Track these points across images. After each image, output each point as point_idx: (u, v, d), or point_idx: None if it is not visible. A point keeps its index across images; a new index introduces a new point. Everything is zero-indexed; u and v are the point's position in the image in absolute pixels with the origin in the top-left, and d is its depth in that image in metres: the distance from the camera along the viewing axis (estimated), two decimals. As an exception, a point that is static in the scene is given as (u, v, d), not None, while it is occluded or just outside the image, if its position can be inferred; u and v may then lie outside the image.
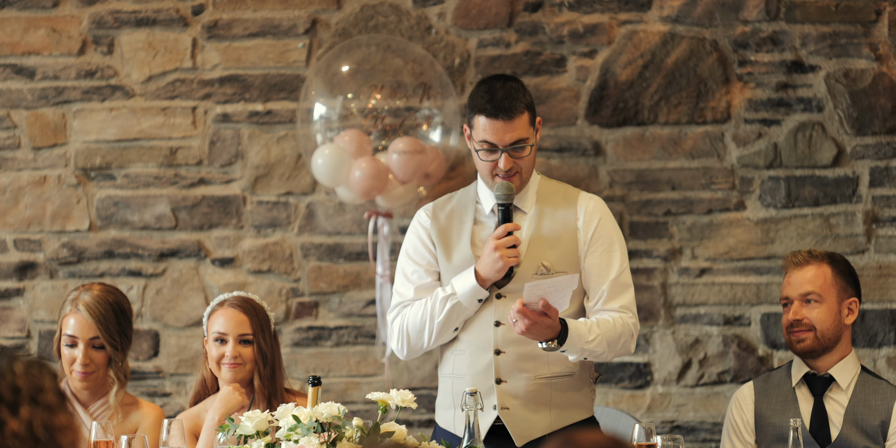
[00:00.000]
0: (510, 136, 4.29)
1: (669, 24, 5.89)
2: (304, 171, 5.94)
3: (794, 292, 4.63)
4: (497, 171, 4.32)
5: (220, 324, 4.55)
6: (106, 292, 4.56)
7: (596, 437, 2.31)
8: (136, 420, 4.57)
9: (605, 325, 4.30)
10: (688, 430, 5.86)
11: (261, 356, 4.54)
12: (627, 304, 4.38)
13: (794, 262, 4.66)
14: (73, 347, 4.52)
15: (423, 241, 4.46)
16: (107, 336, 4.51)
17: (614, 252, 4.39)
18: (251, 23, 5.98)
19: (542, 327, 4.17)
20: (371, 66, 5.70)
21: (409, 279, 4.45)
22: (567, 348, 4.24)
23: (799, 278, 4.63)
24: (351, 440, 3.87)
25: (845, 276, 4.65)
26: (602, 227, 4.40)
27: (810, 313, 4.61)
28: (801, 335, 4.61)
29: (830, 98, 5.86)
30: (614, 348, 4.32)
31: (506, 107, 4.28)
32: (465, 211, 4.46)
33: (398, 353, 4.47)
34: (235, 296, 4.61)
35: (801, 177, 5.86)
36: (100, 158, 5.99)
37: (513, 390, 4.33)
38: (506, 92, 4.30)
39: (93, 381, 4.52)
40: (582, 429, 4.33)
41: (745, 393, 4.70)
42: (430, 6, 5.95)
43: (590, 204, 4.42)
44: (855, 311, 4.66)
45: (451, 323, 4.35)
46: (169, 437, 4.12)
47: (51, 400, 2.51)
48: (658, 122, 5.89)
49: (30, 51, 6.00)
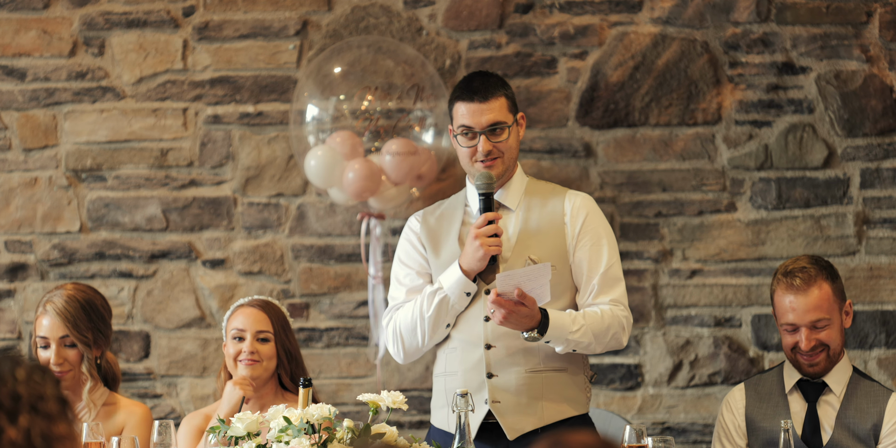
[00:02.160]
0: (486, 117, 4.33)
1: (660, 25, 5.90)
2: (294, 173, 5.94)
3: (803, 320, 4.54)
4: (477, 156, 4.35)
5: (239, 321, 4.58)
6: (76, 291, 4.56)
7: (585, 438, 2.30)
8: (121, 420, 4.57)
9: (591, 316, 4.30)
10: (679, 431, 5.86)
11: (285, 354, 4.56)
12: (618, 298, 4.38)
13: (792, 286, 4.55)
14: (45, 348, 4.53)
15: (414, 244, 4.49)
16: (75, 333, 4.49)
17: (602, 246, 4.39)
18: (242, 24, 5.97)
19: (520, 316, 4.18)
20: (362, 67, 5.70)
21: (402, 282, 4.47)
22: (550, 338, 4.24)
23: (804, 305, 4.53)
24: (342, 442, 3.87)
25: (837, 282, 4.60)
26: (590, 222, 4.40)
27: (821, 336, 4.56)
28: (815, 358, 4.54)
29: (821, 99, 5.86)
30: (602, 340, 4.31)
31: (481, 90, 4.34)
32: (454, 213, 4.48)
33: (396, 356, 4.48)
34: (254, 298, 4.66)
35: (791, 178, 5.87)
36: (91, 160, 5.98)
37: (504, 384, 4.33)
38: (482, 80, 4.38)
39: (69, 380, 4.52)
40: (573, 428, 4.33)
41: (737, 396, 4.68)
42: (421, 7, 5.95)
43: (577, 200, 4.44)
44: (851, 313, 4.64)
45: (441, 318, 4.35)
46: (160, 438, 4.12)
47: (51, 408, 2.48)
48: (649, 123, 5.89)
49: (20, 52, 6.00)
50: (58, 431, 2.46)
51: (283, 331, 4.59)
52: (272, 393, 4.59)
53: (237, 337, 4.57)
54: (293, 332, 4.64)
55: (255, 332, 4.56)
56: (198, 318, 5.96)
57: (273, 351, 4.56)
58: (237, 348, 4.56)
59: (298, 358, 4.62)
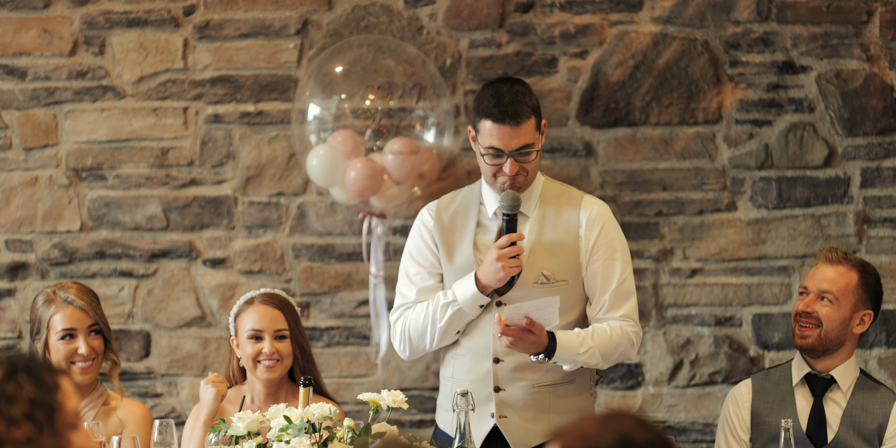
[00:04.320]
0: (517, 141, 4.27)
1: (661, 24, 5.89)
2: (295, 172, 5.94)
3: (814, 286, 4.61)
4: (500, 174, 4.31)
5: (254, 321, 4.54)
6: (78, 284, 4.62)
7: (651, 437, 2.29)
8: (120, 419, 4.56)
9: (599, 335, 4.28)
10: (679, 430, 5.86)
11: (299, 350, 4.55)
12: (629, 313, 4.36)
13: (827, 257, 4.63)
14: (71, 339, 4.53)
15: (426, 241, 4.45)
16: (103, 320, 4.55)
17: (616, 260, 4.38)
18: (242, 23, 5.97)
19: (528, 343, 4.18)
20: (363, 66, 5.70)
21: (412, 280, 4.45)
22: (558, 360, 4.25)
23: (823, 274, 4.60)
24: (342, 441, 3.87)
25: (869, 289, 4.63)
26: (605, 235, 4.38)
27: (821, 309, 4.59)
28: (807, 331, 4.59)
29: (822, 99, 5.86)
30: (611, 358, 4.31)
31: (512, 112, 4.25)
32: (469, 213, 4.44)
33: (401, 353, 4.48)
34: (262, 293, 4.61)
35: (792, 177, 5.87)
36: (91, 159, 5.98)
37: (511, 398, 4.33)
38: (513, 96, 4.27)
39: (94, 371, 4.55)
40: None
41: (743, 390, 4.69)
42: (422, 7, 5.95)
43: (592, 210, 4.40)
44: (866, 324, 4.64)
45: (452, 328, 4.35)
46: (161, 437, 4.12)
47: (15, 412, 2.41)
48: (649, 122, 5.89)
49: (21, 51, 5.99)
50: (14, 435, 2.40)
51: (296, 326, 4.58)
52: (283, 390, 4.58)
53: (254, 336, 4.54)
54: (302, 325, 4.64)
55: (273, 331, 4.53)
56: (198, 317, 5.96)
57: (290, 348, 4.55)
58: (255, 349, 4.53)
59: (309, 352, 4.60)
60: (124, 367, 5.91)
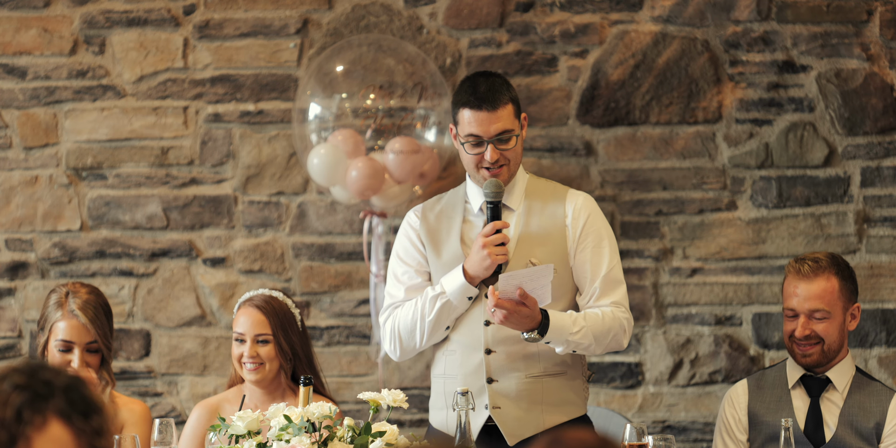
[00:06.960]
0: (495, 126, 4.30)
1: (661, 24, 5.90)
2: (295, 171, 5.94)
3: (802, 307, 4.57)
4: (483, 164, 4.33)
5: (240, 324, 4.58)
6: (93, 294, 4.57)
7: (584, 436, 2.29)
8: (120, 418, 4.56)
9: (592, 317, 4.29)
10: (679, 429, 5.86)
11: (282, 354, 4.55)
12: (619, 300, 4.37)
13: (800, 272, 4.58)
14: (67, 352, 4.52)
15: (413, 241, 4.47)
16: (103, 339, 4.52)
17: (604, 248, 4.39)
18: (242, 23, 5.97)
19: (521, 317, 4.17)
20: (363, 65, 5.70)
21: (400, 280, 4.46)
22: (550, 339, 4.24)
23: (806, 292, 4.56)
24: (342, 440, 3.87)
25: (849, 282, 4.61)
26: (591, 224, 4.39)
27: (817, 326, 4.56)
28: (809, 350, 4.57)
29: (822, 98, 5.86)
30: (603, 342, 4.31)
31: (489, 98, 4.29)
32: (454, 210, 4.46)
33: (391, 354, 4.48)
34: (259, 294, 4.63)
35: (792, 177, 5.87)
36: (91, 158, 5.98)
37: (504, 389, 4.33)
38: (489, 85, 4.32)
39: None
40: (573, 427, 4.33)
41: (739, 391, 4.69)
42: (422, 6, 5.95)
43: (578, 200, 4.42)
44: (857, 316, 4.64)
45: (441, 322, 4.35)
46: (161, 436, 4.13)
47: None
48: (649, 122, 5.89)
49: (21, 51, 6.00)
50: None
51: (282, 330, 4.57)
52: (280, 390, 4.59)
53: (238, 339, 4.58)
54: (298, 327, 4.62)
55: (253, 335, 4.56)
56: (198, 316, 5.97)
57: (273, 352, 4.55)
58: (238, 351, 4.58)
59: (303, 354, 4.60)
60: (124, 366, 5.91)
